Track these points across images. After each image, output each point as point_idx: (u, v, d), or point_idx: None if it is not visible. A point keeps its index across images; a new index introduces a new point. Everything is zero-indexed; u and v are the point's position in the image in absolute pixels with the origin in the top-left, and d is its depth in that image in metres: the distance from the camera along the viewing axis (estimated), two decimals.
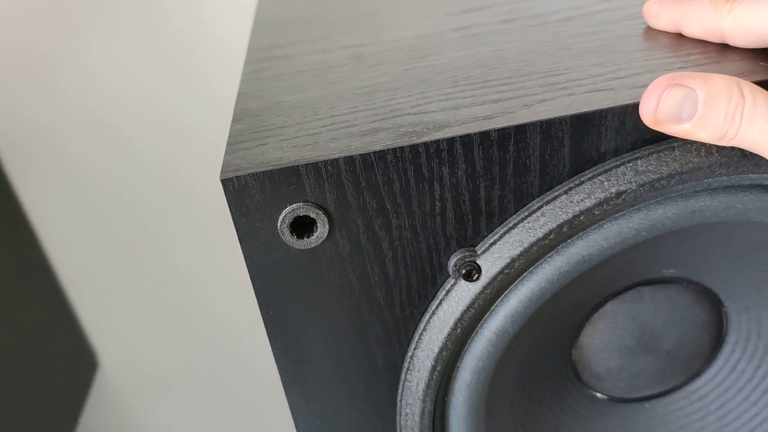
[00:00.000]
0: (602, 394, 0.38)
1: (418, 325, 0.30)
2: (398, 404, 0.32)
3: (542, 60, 0.30)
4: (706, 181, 0.27)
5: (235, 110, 0.31)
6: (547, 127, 0.25)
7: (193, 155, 0.78)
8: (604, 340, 0.36)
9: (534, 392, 0.36)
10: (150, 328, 0.94)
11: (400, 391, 0.32)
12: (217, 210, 0.82)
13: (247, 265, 0.27)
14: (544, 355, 0.35)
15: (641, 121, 0.25)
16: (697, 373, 0.38)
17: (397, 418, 0.33)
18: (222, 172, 0.25)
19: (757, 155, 0.26)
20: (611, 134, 0.26)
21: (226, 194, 0.26)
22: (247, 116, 0.30)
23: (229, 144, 0.28)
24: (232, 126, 0.29)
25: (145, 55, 0.70)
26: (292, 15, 0.43)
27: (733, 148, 0.26)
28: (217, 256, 0.88)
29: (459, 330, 0.29)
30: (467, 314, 0.29)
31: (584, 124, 0.25)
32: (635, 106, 0.25)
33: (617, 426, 0.39)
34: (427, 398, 0.31)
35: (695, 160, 0.26)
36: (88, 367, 0.86)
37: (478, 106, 0.27)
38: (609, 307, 0.35)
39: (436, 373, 0.30)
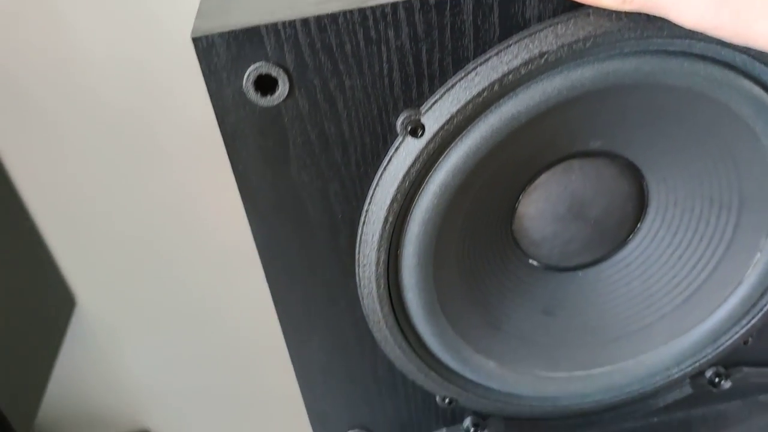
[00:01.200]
0: (539, 262, 0.43)
1: (371, 181, 0.34)
2: (357, 257, 0.37)
3: None
4: (618, 44, 0.31)
5: (200, 7, 0.34)
6: None
7: (159, 99, 0.79)
8: (539, 209, 0.41)
9: (478, 256, 0.40)
10: (126, 267, 0.96)
11: (357, 244, 0.36)
12: (186, 149, 0.84)
13: (218, 122, 0.31)
14: (486, 223, 0.40)
15: None
16: (622, 243, 0.43)
17: (356, 270, 0.37)
18: (192, 32, 0.29)
19: (660, 19, 0.30)
20: (535, 2, 0.30)
21: (196, 52, 0.29)
22: (210, 3, 0.33)
23: (198, 15, 0.31)
24: (201, 4, 0.33)
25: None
26: None
27: (639, 13, 0.30)
28: (190, 193, 0.90)
29: (407, 184, 0.33)
30: (413, 168, 0.33)
31: None
32: None
33: (554, 292, 0.44)
34: (382, 248, 0.35)
35: (607, 24, 0.30)
36: (65, 305, 0.89)
37: None
38: (543, 178, 0.39)
39: (389, 225, 0.35)
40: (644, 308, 0.44)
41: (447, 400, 0.44)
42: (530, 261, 0.43)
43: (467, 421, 0.46)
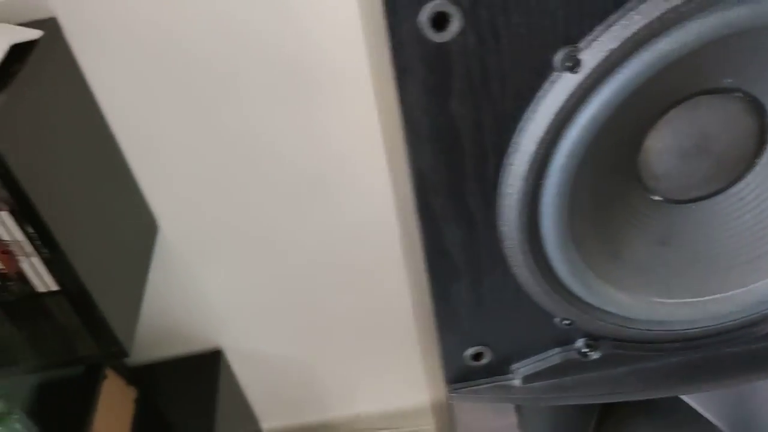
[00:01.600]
0: (658, 195, 0.46)
1: (523, 114, 0.37)
2: (500, 186, 0.40)
3: None
4: None
5: None
6: None
7: (252, 29, 0.81)
8: (665, 144, 0.43)
9: (604, 189, 0.43)
10: (204, 194, 1.00)
11: (503, 173, 0.39)
12: (268, 85, 0.87)
13: (392, 55, 0.34)
14: (614, 158, 0.42)
15: None
16: (739, 177, 0.45)
17: (499, 201, 0.40)
18: None
19: None
20: None
21: None
22: None
23: None
24: None
25: None
26: None
27: None
28: (266, 124, 0.92)
29: (560, 117, 0.36)
30: (568, 103, 0.35)
31: None
32: None
33: (670, 223, 0.46)
34: (528, 178, 0.38)
35: None
36: (151, 229, 0.94)
37: None
38: (672, 114, 0.42)
39: (537, 155, 0.38)
40: (755, 240, 0.46)
41: (566, 322, 0.48)
42: (651, 195, 0.45)
43: (580, 342, 0.50)
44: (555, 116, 0.36)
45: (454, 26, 0.33)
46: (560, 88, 0.35)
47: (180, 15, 0.79)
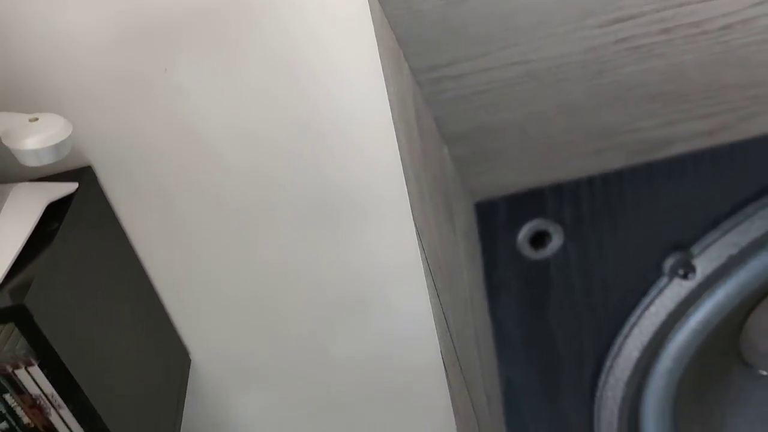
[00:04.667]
0: (765, 370, 0.41)
1: (627, 320, 0.33)
2: (599, 391, 0.36)
3: (728, 72, 0.33)
4: None
5: (442, 133, 0.34)
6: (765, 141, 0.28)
7: (277, 164, 0.81)
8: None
9: (706, 376, 0.39)
10: (235, 326, 0.98)
11: (603, 377, 0.35)
12: (302, 216, 0.86)
13: (484, 274, 0.30)
14: (715, 342, 0.38)
15: None
16: None
17: (596, 405, 0.36)
18: (473, 196, 0.28)
19: None
20: None
21: (477, 216, 0.29)
22: (459, 140, 0.33)
23: (459, 169, 0.31)
24: (450, 150, 0.32)
25: (232, 76, 0.73)
26: (434, 34, 0.46)
27: None
28: (299, 257, 0.91)
29: (669, 323, 0.32)
30: (679, 309, 0.32)
31: None
32: None
33: None
34: (631, 383, 0.34)
35: None
36: (183, 362, 0.91)
37: (692, 121, 0.30)
38: None
39: (641, 360, 0.33)
40: None
41: None
42: (756, 370, 0.41)
43: None
44: (664, 323, 0.32)
45: (555, 243, 0.30)
46: (670, 294, 0.32)
47: (214, 153, 0.78)
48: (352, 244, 0.94)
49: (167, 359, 0.82)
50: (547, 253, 0.30)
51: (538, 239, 0.30)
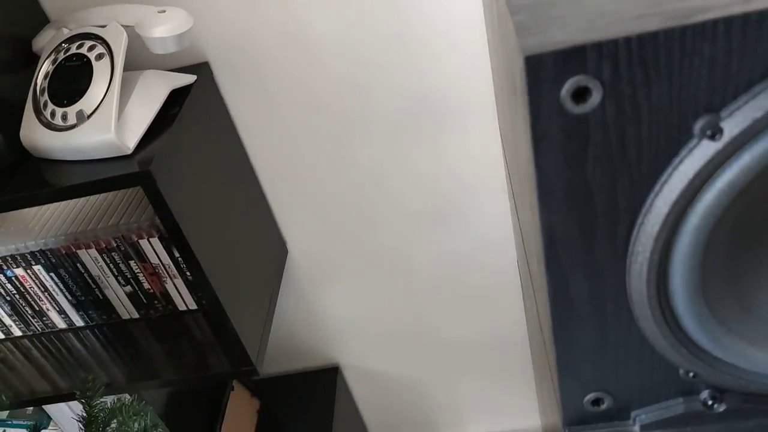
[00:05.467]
0: None
1: (659, 178, 0.37)
2: (631, 245, 0.40)
3: None
4: None
5: (509, 4, 0.38)
6: None
7: (380, 71, 0.86)
8: None
9: (741, 245, 0.42)
10: (329, 223, 1.06)
11: (635, 233, 0.40)
12: (399, 119, 0.91)
13: (531, 125, 0.35)
14: (750, 216, 0.41)
15: None
16: None
17: (628, 255, 0.41)
18: (524, 51, 0.33)
19: None
20: None
21: (526, 68, 0.33)
22: (522, 9, 0.37)
23: (518, 31, 0.35)
24: (513, 17, 0.37)
25: None
26: None
27: None
28: (390, 163, 0.97)
29: (697, 182, 0.36)
30: (706, 168, 0.36)
31: None
32: None
33: None
34: (659, 238, 0.39)
35: None
36: (281, 253, 1.00)
37: None
38: None
39: (671, 217, 0.38)
40: None
41: (691, 374, 0.47)
42: None
43: (705, 394, 0.49)
44: (691, 181, 0.36)
45: (595, 99, 0.34)
46: (699, 154, 0.35)
47: (317, 60, 0.84)
48: (441, 152, 0.99)
49: (267, 247, 0.91)
50: (587, 108, 0.35)
51: (580, 94, 0.34)
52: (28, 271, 0.76)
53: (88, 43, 0.63)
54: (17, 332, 0.82)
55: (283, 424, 1.08)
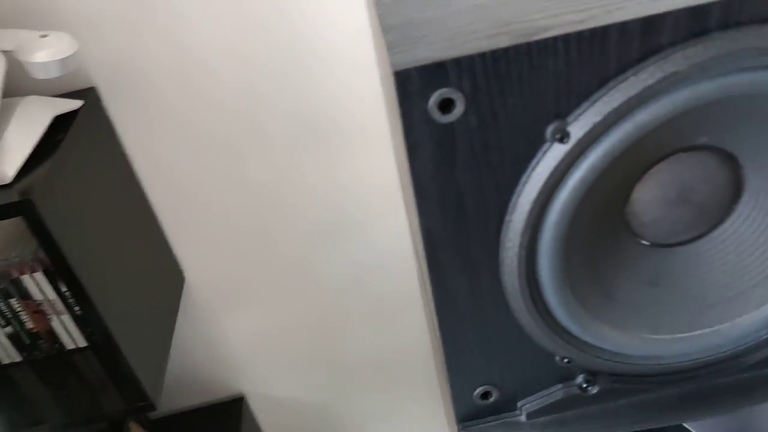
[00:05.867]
0: (646, 240, 0.50)
1: (520, 179, 0.41)
2: (502, 242, 0.44)
3: None
4: (737, 62, 0.37)
5: (382, 24, 0.41)
6: (622, 26, 0.36)
7: (273, 86, 0.88)
8: (651, 195, 0.47)
9: (596, 238, 0.48)
10: (228, 246, 1.05)
11: (504, 230, 0.43)
12: (291, 138, 0.93)
13: (404, 135, 0.39)
14: (604, 210, 0.47)
15: (692, 20, 0.36)
16: (719, 222, 0.50)
17: (500, 251, 0.45)
18: (393, 66, 0.36)
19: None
20: (669, 31, 0.37)
21: (396, 82, 0.36)
22: (392, 29, 0.41)
23: (389, 48, 0.38)
24: (385, 36, 0.40)
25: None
26: None
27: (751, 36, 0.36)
28: (286, 180, 0.98)
29: (552, 181, 0.40)
30: (558, 168, 0.40)
31: (650, 24, 0.36)
32: (687, 10, 0.36)
33: (658, 266, 0.51)
34: (525, 233, 0.43)
35: (729, 46, 0.37)
36: (177, 280, 0.98)
37: (570, 14, 0.38)
38: (656, 169, 0.46)
39: (533, 214, 0.42)
40: (738, 278, 0.51)
41: (566, 360, 0.52)
42: (640, 240, 0.50)
43: (579, 378, 0.54)
44: (547, 180, 0.40)
45: (459, 109, 0.38)
46: (551, 156, 0.40)
47: (208, 77, 0.85)
48: (338, 165, 1.01)
49: (162, 276, 0.89)
50: (452, 117, 0.38)
51: (445, 105, 0.38)
52: None
53: None
54: None
55: None
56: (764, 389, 0.55)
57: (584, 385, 0.53)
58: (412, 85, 0.37)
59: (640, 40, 0.37)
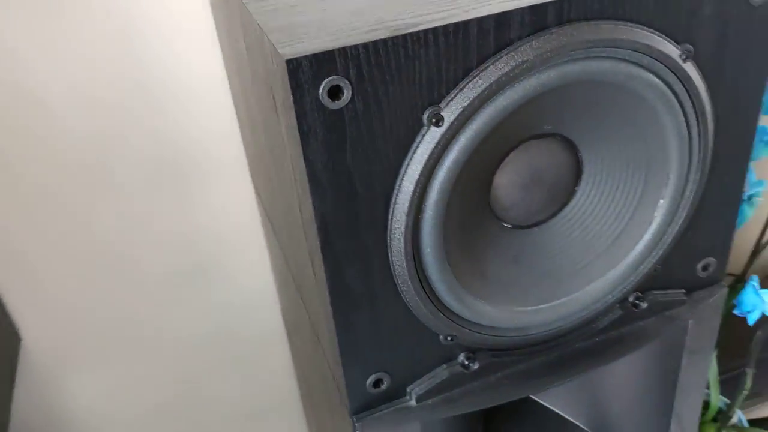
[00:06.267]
0: (508, 223, 0.57)
1: (404, 162, 0.46)
2: (389, 225, 0.48)
3: None
4: (571, 53, 0.45)
5: (264, 29, 0.45)
6: (480, 22, 0.42)
7: (121, 134, 0.86)
8: (508, 180, 0.54)
9: (468, 221, 0.53)
10: (71, 301, 0.99)
11: (391, 212, 0.48)
12: (145, 183, 0.91)
13: (297, 122, 0.42)
14: (472, 196, 0.52)
15: (534, 17, 0.43)
16: (566, 203, 0.58)
17: (389, 236, 0.49)
18: (285, 56, 0.40)
19: (597, 33, 0.44)
20: (517, 26, 0.44)
21: (288, 71, 0.40)
22: (276, 30, 0.44)
23: (276, 44, 0.42)
24: (269, 35, 0.43)
25: (64, 36, 0.78)
26: None
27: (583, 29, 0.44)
28: (139, 223, 0.96)
29: (431, 162, 0.46)
30: (435, 150, 0.45)
31: (501, 20, 0.43)
32: (529, 8, 0.43)
33: (520, 245, 0.57)
34: (410, 214, 0.47)
35: (564, 39, 0.44)
36: (13, 342, 0.91)
37: (436, 14, 0.44)
38: (511, 156, 0.53)
39: (416, 194, 0.47)
40: (585, 250, 0.59)
41: (449, 338, 0.56)
42: (502, 223, 0.56)
43: (461, 356, 0.59)
44: (426, 162, 0.45)
45: (346, 96, 0.42)
46: (429, 139, 0.45)
47: (51, 121, 0.82)
48: (195, 208, 1.00)
49: None
50: (341, 104, 0.42)
51: (334, 93, 0.42)
52: None
53: None
54: None
55: None
56: (614, 350, 0.63)
57: (466, 362, 0.58)
58: (302, 74, 0.40)
59: (495, 34, 0.43)
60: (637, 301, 0.63)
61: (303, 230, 0.53)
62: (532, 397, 0.77)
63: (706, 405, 0.96)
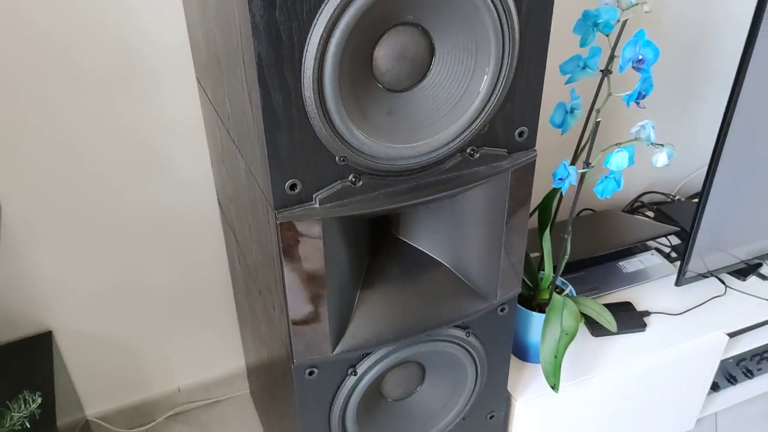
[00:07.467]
0: (384, 85, 0.84)
1: (314, 20, 0.72)
2: (303, 65, 0.75)
3: None
4: None
5: None
6: None
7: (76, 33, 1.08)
8: (384, 53, 0.81)
9: (357, 76, 0.80)
10: (40, 179, 1.17)
11: (304, 56, 0.74)
12: (106, 79, 1.13)
13: None
14: (359, 60, 0.80)
15: None
16: (424, 75, 0.86)
17: (302, 74, 0.75)
18: None
19: None
20: None
21: None
22: None
23: None
24: None
25: None
26: None
27: None
28: (97, 116, 1.16)
29: (331, 22, 0.72)
30: (335, 13, 0.72)
31: None
32: None
33: (393, 102, 0.85)
34: (317, 59, 0.74)
35: None
36: None
37: None
38: (386, 36, 0.80)
39: (320, 45, 0.73)
40: (436, 110, 0.87)
41: (342, 159, 0.84)
42: (380, 85, 0.84)
43: (351, 176, 0.86)
44: (329, 20, 0.72)
45: None
46: (331, 3, 0.72)
47: (17, 20, 1.01)
48: (148, 107, 1.21)
49: None
50: None
51: None
52: None
53: None
54: None
55: None
56: (456, 183, 0.92)
57: (354, 180, 0.86)
58: None
59: None
60: (472, 152, 0.92)
61: (244, 75, 0.78)
62: (404, 239, 1.06)
63: (543, 277, 1.27)
